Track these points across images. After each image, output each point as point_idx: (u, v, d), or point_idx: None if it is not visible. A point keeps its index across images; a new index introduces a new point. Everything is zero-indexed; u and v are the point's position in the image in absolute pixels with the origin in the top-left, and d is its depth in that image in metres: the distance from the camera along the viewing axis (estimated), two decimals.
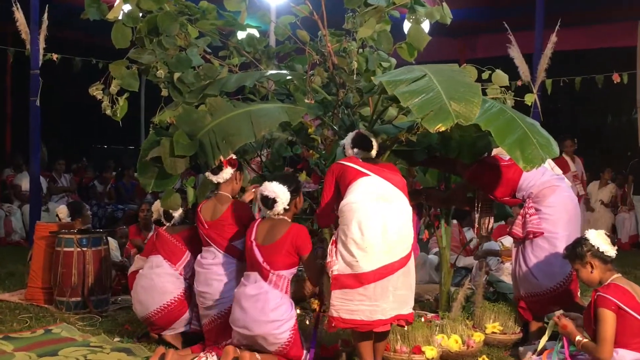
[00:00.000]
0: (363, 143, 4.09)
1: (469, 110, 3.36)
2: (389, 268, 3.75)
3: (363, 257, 3.71)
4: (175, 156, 4.19)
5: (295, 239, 3.89)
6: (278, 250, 3.89)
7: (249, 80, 4.52)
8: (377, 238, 3.72)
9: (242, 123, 4.19)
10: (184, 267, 4.65)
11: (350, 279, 3.74)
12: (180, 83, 4.70)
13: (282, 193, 3.93)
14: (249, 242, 4.00)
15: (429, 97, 3.43)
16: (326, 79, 4.74)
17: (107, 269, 5.77)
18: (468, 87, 3.55)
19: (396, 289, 3.78)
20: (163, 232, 4.79)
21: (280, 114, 4.28)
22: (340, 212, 3.85)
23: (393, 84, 3.60)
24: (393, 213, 3.79)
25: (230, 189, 4.43)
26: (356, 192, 3.82)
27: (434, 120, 3.34)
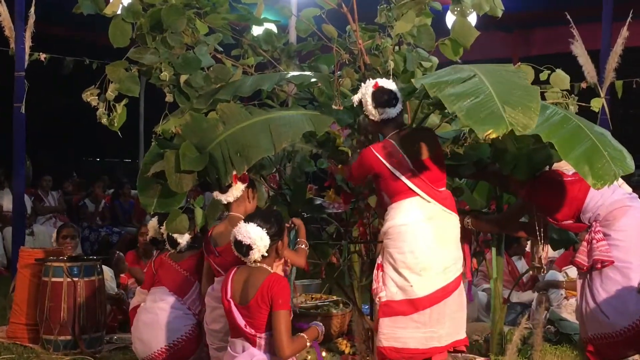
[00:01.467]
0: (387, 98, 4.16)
1: (526, 118, 3.37)
2: (445, 290, 4.09)
3: (418, 280, 4.04)
4: (181, 172, 4.19)
5: (269, 290, 3.60)
6: (256, 310, 3.63)
7: (267, 84, 4.55)
8: (431, 260, 4.06)
9: (260, 133, 4.22)
10: (192, 301, 4.68)
11: (404, 305, 4.07)
12: (187, 87, 4.73)
13: (259, 238, 3.67)
14: (225, 302, 3.74)
15: (479, 101, 3.46)
16: (357, 81, 4.75)
17: (101, 302, 5.82)
18: (525, 90, 3.56)
19: (453, 311, 4.13)
20: (167, 260, 4.82)
21: (303, 123, 4.31)
22: (387, 235, 4.14)
23: (437, 86, 3.62)
24: (445, 232, 4.14)
25: (242, 209, 4.41)
26: (404, 214, 4.10)
27: (485, 126, 3.35)
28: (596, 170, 3.57)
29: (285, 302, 3.58)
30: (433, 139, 4.26)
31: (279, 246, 3.76)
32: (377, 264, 4.22)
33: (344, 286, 5.49)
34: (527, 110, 3.39)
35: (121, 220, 11.51)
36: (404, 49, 4.85)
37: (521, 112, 3.39)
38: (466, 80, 3.60)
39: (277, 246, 3.75)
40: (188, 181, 4.23)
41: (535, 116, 3.38)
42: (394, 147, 4.14)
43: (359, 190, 5.04)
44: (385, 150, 4.15)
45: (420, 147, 4.14)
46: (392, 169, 4.12)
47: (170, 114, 4.71)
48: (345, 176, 4.60)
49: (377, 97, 4.15)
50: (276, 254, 3.76)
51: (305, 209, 5.24)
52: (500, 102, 3.42)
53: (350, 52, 4.94)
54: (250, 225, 3.69)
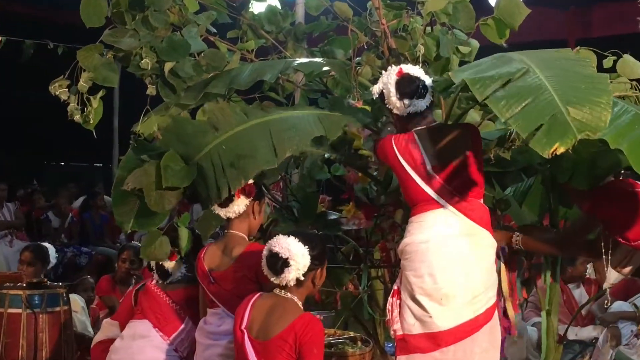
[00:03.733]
0: (413, 87, 4.14)
1: (595, 117, 3.28)
2: (474, 324, 4.00)
3: (439, 311, 3.97)
4: (163, 188, 4.16)
5: (302, 336, 3.58)
6: (277, 351, 3.61)
7: (270, 73, 4.53)
8: (456, 286, 3.98)
9: (258, 140, 4.17)
10: (181, 341, 4.68)
11: (423, 340, 4.00)
12: (173, 76, 4.73)
13: (300, 255, 3.67)
14: (238, 333, 3.74)
15: (535, 104, 3.39)
16: (379, 69, 4.75)
17: (67, 339, 5.81)
18: (592, 82, 3.48)
19: (483, 350, 4.02)
20: (154, 288, 4.82)
21: (311, 126, 4.26)
22: (404, 254, 4.10)
23: (481, 83, 3.55)
24: (475, 252, 4.06)
25: (245, 227, 4.40)
26: (425, 229, 4.05)
27: (547, 140, 3.29)
28: None
29: (321, 353, 3.60)
30: (470, 137, 4.20)
31: (317, 275, 3.75)
32: (393, 290, 4.17)
33: (363, 320, 5.47)
34: (595, 108, 3.31)
35: (92, 238, 11.51)
36: (437, 30, 4.85)
37: (589, 111, 3.30)
38: (517, 75, 3.53)
39: (315, 274, 3.74)
40: (171, 198, 4.20)
41: (607, 114, 3.30)
42: (415, 143, 4.10)
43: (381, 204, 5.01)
44: (405, 144, 4.10)
45: (449, 147, 4.10)
46: (409, 170, 4.08)
47: (153, 110, 4.71)
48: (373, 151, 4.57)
49: (401, 86, 4.12)
50: (312, 284, 3.76)
51: (316, 225, 5.23)
52: (562, 102, 3.33)
53: (372, 34, 4.94)
54: (291, 239, 3.70)
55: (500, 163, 4.55)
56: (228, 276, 4.31)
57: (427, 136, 4.13)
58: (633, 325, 6.23)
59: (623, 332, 6.26)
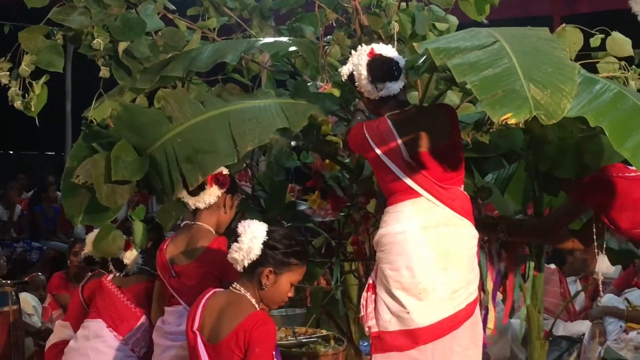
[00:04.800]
0: (386, 69, 4.11)
1: (555, 103, 3.29)
2: (453, 320, 3.99)
3: (417, 306, 3.95)
4: (113, 181, 4.14)
5: (248, 334, 3.50)
6: (227, 354, 3.54)
7: (232, 54, 4.51)
8: (435, 280, 3.96)
9: (217, 133, 4.15)
10: (137, 340, 4.68)
11: (399, 338, 3.98)
12: (128, 58, 4.71)
13: (251, 238, 3.59)
14: (190, 335, 3.64)
15: (497, 74, 3.39)
16: (350, 49, 4.74)
17: (17, 340, 5.78)
18: (558, 66, 3.49)
19: (463, 348, 4.02)
20: (108, 285, 4.80)
21: (274, 117, 4.23)
22: (380, 245, 4.06)
23: (445, 52, 3.57)
24: (456, 244, 4.04)
25: (214, 221, 4.39)
26: (402, 219, 4.03)
27: (501, 106, 3.27)
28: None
29: (262, 352, 3.48)
30: (448, 120, 4.17)
31: (265, 275, 3.58)
32: (367, 284, 4.14)
33: (336, 317, 5.48)
34: (557, 93, 3.31)
35: (43, 232, 11.47)
36: (413, 7, 4.86)
37: (550, 94, 3.30)
38: (484, 47, 3.56)
39: (264, 273, 3.59)
40: (124, 192, 4.20)
41: (567, 103, 3.31)
42: (389, 129, 4.07)
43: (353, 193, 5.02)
44: (378, 131, 4.08)
45: (426, 131, 4.08)
46: (384, 158, 4.06)
47: (106, 94, 4.69)
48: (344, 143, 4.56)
49: (373, 68, 4.09)
50: (259, 283, 3.61)
51: (284, 216, 5.24)
52: (524, 77, 3.35)
53: (343, 10, 4.94)
54: (259, 223, 3.64)
55: (479, 148, 4.56)
56: (191, 271, 4.29)
57: (402, 121, 4.10)
58: (621, 321, 6.28)
59: (610, 328, 6.30)
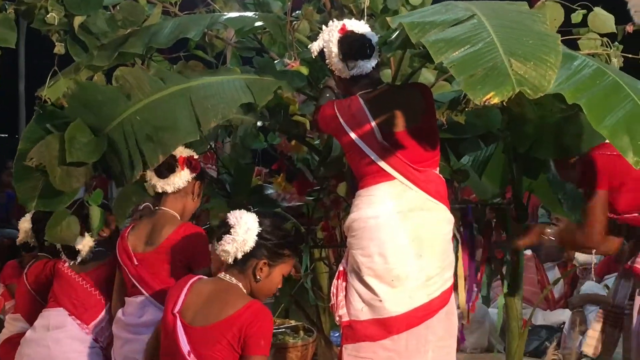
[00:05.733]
0: (358, 47, 4.11)
1: (539, 75, 3.30)
2: (428, 309, 4.01)
3: (390, 294, 3.97)
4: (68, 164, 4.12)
5: (249, 326, 3.57)
6: (216, 339, 3.59)
7: (195, 30, 4.50)
8: (409, 267, 3.98)
9: (178, 110, 4.14)
10: (101, 330, 4.66)
11: (372, 327, 4.01)
12: (84, 33, 4.68)
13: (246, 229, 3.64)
14: (169, 317, 3.68)
15: (476, 51, 3.39)
16: (319, 24, 4.70)
17: None
18: (540, 38, 3.50)
19: (438, 338, 4.06)
20: (66, 271, 4.77)
21: (239, 92, 4.23)
22: (351, 230, 4.09)
23: (420, 27, 3.57)
24: (430, 229, 4.06)
25: (180, 207, 4.37)
26: (375, 203, 4.04)
27: (482, 85, 3.27)
28: (639, 142, 3.49)
29: (267, 345, 3.57)
30: (423, 99, 4.18)
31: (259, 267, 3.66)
32: (338, 271, 4.16)
33: (306, 307, 5.48)
34: (541, 65, 3.32)
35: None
36: None
37: (533, 67, 3.31)
38: (461, 21, 3.56)
39: (258, 265, 3.66)
40: (79, 176, 4.18)
41: (552, 74, 3.33)
42: (360, 109, 4.07)
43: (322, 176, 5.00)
44: (349, 110, 4.08)
45: (400, 111, 4.07)
46: (356, 139, 4.06)
47: (61, 71, 4.65)
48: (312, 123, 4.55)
49: (345, 46, 4.09)
50: (253, 275, 3.68)
51: (251, 201, 5.19)
52: (505, 53, 3.34)
53: None
54: (250, 213, 3.70)
55: (455, 129, 4.57)
56: (155, 258, 4.28)
57: (374, 100, 4.10)
58: None
59: (591, 316, 6.32)
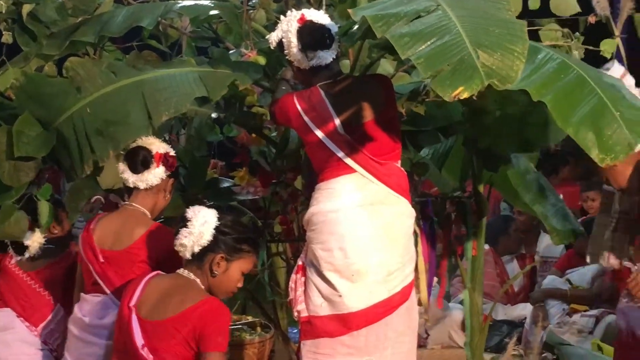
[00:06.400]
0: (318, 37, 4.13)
1: (507, 66, 3.31)
2: (388, 304, 4.05)
3: (350, 289, 4.00)
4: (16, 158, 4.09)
5: (205, 323, 3.59)
6: (170, 334, 3.60)
7: (148, 18, 4.47)
8: (370, 262, 4.02)
9: (130, 104, 4.13)
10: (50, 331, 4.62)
11: (331, 323, 4.04)
12: (33, 21, 4.64)
13: (202, 222, 3.68)
14: (125, 310, 3.70)
15: (442, 44, 3.40)
16: (276, 14, 4.72)
17: None
18: (506, 26, 3.52)
19: (398, 334, 4.10)
20: (13, 269, 4.72)
21: (192, 86, 4.22)
22: (311, 223, 4.11)
23: (384, 20, 3.57)
24: (392, 223, 4.10)
25: (150, 204, 4.33)
26: (335, 196, 4.07)
27: (451, 81, 3.29)
28: (604, 139, 3.52)
29: (225, 341, 3.60)
30: (383, 91, 4.20)
31: (216, 262, 3.67)
32: (297, 266, 4.19)
33: (263, 303, 5.48)
34: (508, 55, 3.34)
35: None
36: None
37: (500, 57, 3.32)
38: (425, 13, 3.56)
39: (215, 259, 3.68)
40: (28, 170, 4.15)
41: (519, 64, 3.34)
42: (321, 100, 4.08)
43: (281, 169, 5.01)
44: (309, 102, 4.09)
45: (361, 102, 4.09)
46: (316, 130, 4.07)
47: (10, 61, 4.62)
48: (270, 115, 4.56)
49: (304, 36, 4.09)
50: (210, 271, 3.69)
51: (206, 195, 5.23)
52: (472, 44, 3.36)
53: None
54: (209, 209, 3.73)
55: (414, 120, 4.59)
56: (123, 258, 4.24)
57: (335, 91, 4.11)
58: (564, 303, 6.37)
59: (553, 311, 6.38)
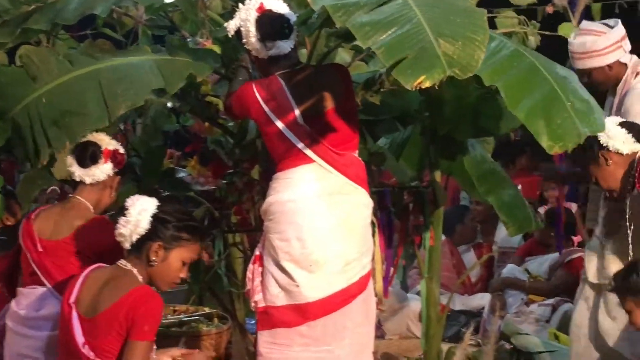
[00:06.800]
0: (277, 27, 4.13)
1: (468, 55, 3.35)
2: (346, 294, 4.08)
3: (307, 279, 4.04)
4: None
5: (133, 310, 3.49)
6: (106, 329, 3.52)
7: (102, 6, 4.44)
8: (327, 252, 4.05)
9: (87, 94, 4.12)
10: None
11: (288, 313, 4.07)
12: None
13: (140, 211, 3.61)
14: (65, 307, 3.63)
15: (403, 33, 3.42)
16: (232, 2, 4.72)
17: None
18: (467, 15, 3.55)
19: (356, 324, 4.12)
20: None
21: (149, 76, 4.21)
22: (268, 213, 4.12)
23: (344, 10, 3.57)
24: (350, 214, 4.13)
25: (95, 199, 4.28)
26: (293, 186, 4.09)
27: (412, 70, 3.32)
28: (554, 127, 3.60)
29: (151, 330, 3.49)
30: (342, 80, 4.22)
31: (154, 250, 3.58)
32: (254, 256, 4.20)
33: (220, 294, 5.47)
34: (469, 44, 3.37)
35: None
36: None
37: (462, 47, 3.35)
38: (386, 2, 3.57)
39: (152, 248, 3.59)
40: None
41: (480, 53, 3.38)
42: (280, 89, 4.09)
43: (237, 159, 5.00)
44: (269, 91, 4.09)
45: (319, 92, 4.11)
46: (274, 120, 4.07)
47: None
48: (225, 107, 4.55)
49: (263, 25, 4.09)
50: (147, 260, 3.61)
51: (162, 185, 5.22)
52: (433, 33, 3.38)
53: None
54: (150, 198, 3.66)
55: (371, 109, 4.60)
56: (61, 247, 4.21)
57: (294, 81, 4.12)
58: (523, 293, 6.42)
59: (511, 300, 6.43)
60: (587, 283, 4.89)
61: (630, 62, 4.78)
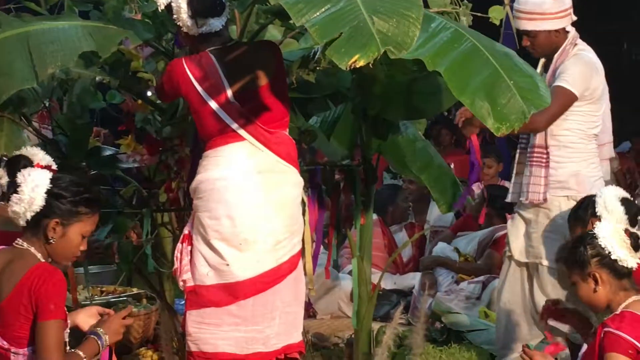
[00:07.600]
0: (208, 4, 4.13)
1: (402, 32, 3.36)
2: (276, 274, 4.17)
3: (237, 258, 4.09)
4: None
5: (36, 289, 3.37)
6: (13, 314, 3.42)
7: None
8: (256, 230, 4.12)
9: (14, 55, 4.07)
10: None
11: (217, 292, 4.12)
12: None
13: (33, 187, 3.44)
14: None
15: (337, 11, 3.42)
16: None
17: None
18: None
19: (286, 304, 4.22)
20: None
21: (80, 40, 4.18)
22: (198, 192, 4.15)
23: None
24: (280, 192, 4.20)
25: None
26: (223, 164, 4.12)
27: (346, 49, 3.33)
28: (499, 108, 3.62)
29: (58, 308, 3.39)
30: (273, 58, 4.27)
31: (51, 228, 3.45)
32: (182, 235, 4.24)
33: (148, 274, 5.47)
34: (403, 21, 3.37)
35: None
36: None
37: (396, 24, 3.36)
38: None
39: (49, 225, 3.46)
40: None
41: (415, 30, 3.38)
42: (212, 66, 4.11)
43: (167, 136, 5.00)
44: (200, 67, 4.10)
45: (251, 69, 4.15)
46: (206, 97, 4.10)
47: None
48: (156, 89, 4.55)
49: (194, 2, 4.09)
50: (45, 238, 3.48)
51: (89, 163, 5.18)
52: (367, 10, 3.39)
53: None
54: (41, 170, 3.50)
55: (303, 88, 4.64)
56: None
57: (226, 58, 4.14)
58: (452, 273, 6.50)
59: (441, 279, 6.52)
60: (513, 261, 5.04)
61: (571, 33, 4.96)
